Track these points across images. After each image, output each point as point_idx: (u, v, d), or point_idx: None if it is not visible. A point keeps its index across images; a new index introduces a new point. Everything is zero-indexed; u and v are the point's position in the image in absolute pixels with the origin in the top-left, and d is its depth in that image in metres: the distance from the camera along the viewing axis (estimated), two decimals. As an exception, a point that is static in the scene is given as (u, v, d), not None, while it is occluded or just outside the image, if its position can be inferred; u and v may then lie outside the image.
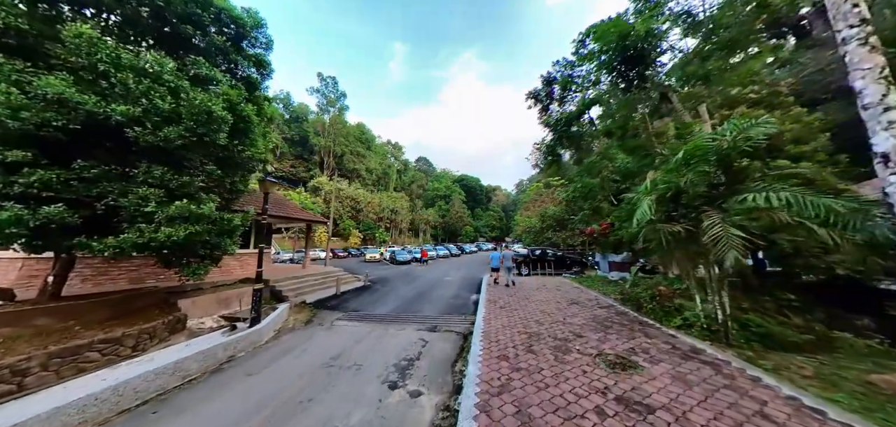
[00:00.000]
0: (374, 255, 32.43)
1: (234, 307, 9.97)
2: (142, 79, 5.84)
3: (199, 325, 8.41)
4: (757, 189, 4.59)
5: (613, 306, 8.56)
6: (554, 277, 15.92)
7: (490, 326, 6.68)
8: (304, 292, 11.56)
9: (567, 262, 18.20)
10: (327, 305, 10.30)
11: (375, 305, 10.39)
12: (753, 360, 4.56)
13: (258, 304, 7.71)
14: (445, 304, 10.48)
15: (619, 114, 12.04)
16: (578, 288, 11.78)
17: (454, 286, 14.38)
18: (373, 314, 9.15)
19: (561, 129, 11.58)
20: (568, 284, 12.81)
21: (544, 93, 15.71)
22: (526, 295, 10.41)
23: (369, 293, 12.67)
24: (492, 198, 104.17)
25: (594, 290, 11.31)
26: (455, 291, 12.88)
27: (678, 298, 8.77)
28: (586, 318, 7.26)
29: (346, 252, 40.52)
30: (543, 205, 36.38)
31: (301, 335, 7.38)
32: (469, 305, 10.10)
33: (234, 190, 8.66)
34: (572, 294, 10.44)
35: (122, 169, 6.15)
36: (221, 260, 8.27)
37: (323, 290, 12.41)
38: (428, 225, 76.13)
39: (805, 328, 6.99)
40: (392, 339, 6.89)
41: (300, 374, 5.16)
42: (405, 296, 12.00)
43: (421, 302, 10.82)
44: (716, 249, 4.43)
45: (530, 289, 11.74)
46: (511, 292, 10.96)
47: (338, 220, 55.21)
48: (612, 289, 11.14)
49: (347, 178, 66.97)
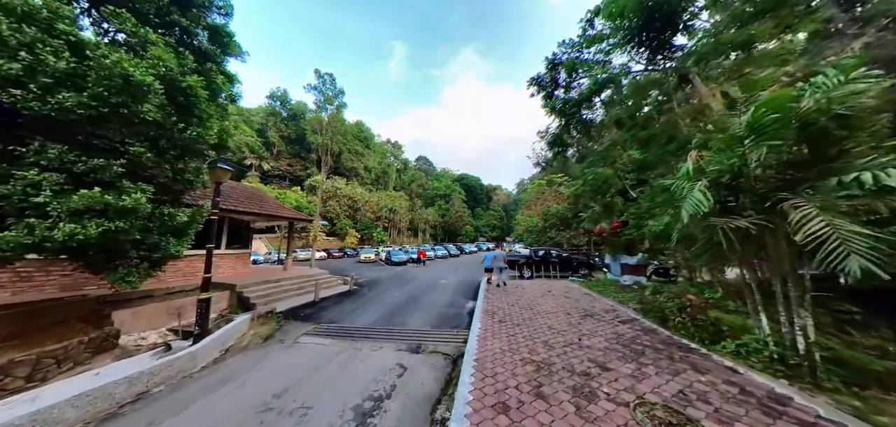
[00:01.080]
0: (368, 256, 31.05)
1: (192, 317, 8.56)
2: (23, 26, 4.42)
3: (139, 341, 7.01)
4: (871, 166, 3.14)
5: (637, 320, 7.12)
6: (559, 281, 14.47)
7: (486, 349, 5.25)
8: (276, 299, 10.16)
9: (573, 264, 16.73)
10: (300, 315, 8.89)
11: (355, 315, 8.97)
12: (869, 419, 3.12)
13: (203, 317, 6.31)
14: (437, 313, 9.06)
15: (632, 99, 10.61)
16: (589, 295, 10.33)
17: (449, 291, 12.96)
18: (349, 327, 7.73)
19: (570, 110, 10.11)
20: (576, 290, 11.36)
21: (548, 77, 14.25)
22: (530, 303, 8.97)
23: (353, 299, 11.26)
24: (492, 197, 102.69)
25: (608, 297, 9.86)
26: (449, 297, 11.46)
27: (711, 309, 7.36)
28: (608, 337, 5.82)
29: (341, 252, 39.17)
30: (545, 203, 34.92)
31: (251, 357, 5.96)
32: (463, 316, 8.67)
33: (180, 179, 7.22)
34: (584, 303, 9.00)
35: (1, 146, 4.75)
36: (164, 263, 6.85)
37: (300, 296, 11.00)
38: (427, 224, 74.72)
39: (880, 351, 5.55)
40: (362, 363, 5.47)
41: (222, 421, 3.75)
42: (393, 302, 10.57)
43: (409, 310, 9.40)
44: (823, 252, 2.98)
45: (534, 295, 10.30)
46: (512, 300, 9.52)
47: (334, 220, 53.87)
48: (629, 296, 9.69)
49: (345, 176, 65.66)
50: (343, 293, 12.34)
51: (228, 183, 14.11)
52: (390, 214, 63.57)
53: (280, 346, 6.55)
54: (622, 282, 13.06)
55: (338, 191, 56.17)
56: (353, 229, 52.88)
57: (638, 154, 10.59)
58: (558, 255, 17.44)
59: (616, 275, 14.02)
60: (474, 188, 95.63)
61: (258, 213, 12.38)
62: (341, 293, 12.29)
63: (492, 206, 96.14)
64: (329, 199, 55.01)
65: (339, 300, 10.93)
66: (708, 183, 4.31)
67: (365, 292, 12.76)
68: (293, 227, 15.02)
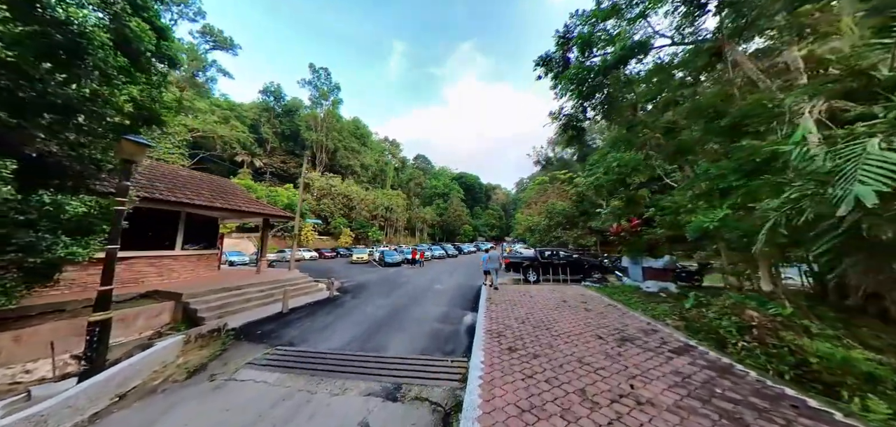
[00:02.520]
0: (361, 256, 29.22)
1: (119, 335, 6.74)
2: None
3: (20, 375, 5.19)
4: None
5: (693, 347, 5.35)
6: (570, 286, 12.71)
7: (495, 402, 3.48)
8: (233, 311, 8.35)
9: (584, 267, 14.97)
10: (256, 333, 7.09)
11: (325, 333, 7.17)
12: None
13: (95, 347, 4.51)
14: (427, 331, 7.27)
15: (659, 77, 8.81)
16: (614, 306, 8.57)
17: (445, 298, 11.18)
18: (311, 352, 5.94)
19: (591, 80, 8.32)
20: (595, 298, 9.60)
21: (558, 55, 12.49)
22: (544, 319, 7.20)
23: (329, 310, 9.46)
24: (491, 196, 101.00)
25: (637, 309, 8.10)
26: (444, 308, 9.67)
27: (783, 331, 5.64)
28: (669, 380, 4.04)
29: (333, 252, 37.32)
30: (549, 201, 33.20)
31: (154, 406, 4.16)
32: (460, 335, 6.90)
33: (78, 157, 5.36)
34: (612, 318, 7.23)
35: None
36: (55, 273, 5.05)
37: (265, 307, 9.20)
38: (425, 224, 72.95)
39: None
40: (312, 421, 3.69)
41: None
42: (376, 315, 8.79)
43: (394, 327, 7.61)
44: None
45: (547, 306, 8.54)
46: (521, 315, 7.75)
47: (329, 218, 52.00)
48: (662, 309, 7.93)
49: (341, 174, 63.78)
50: (320, 302, 10.53)
51: (187, 171, 12.27)
52: (387, 213, 61.75)
53: (208, 385, 4.75)
54: (645, 288, 11.31)
55: (332, 188, 54.32)
56: (348, 228, 51.01)
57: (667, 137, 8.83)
58: (567, 257, 15.68)
59: (636, 279, 12.27)
60: (473, 187, 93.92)
61: (224, 208, 10.56)
62: (318, 302, 10.48)
63: (491, 205, 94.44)
64: (323, 197, 53.21)
65: (312, 311, 9.12)
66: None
67: (346, 300, 10.96)
68: (268, 225, 13.22)
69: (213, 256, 12.20)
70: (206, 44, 52.53)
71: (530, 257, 16.05)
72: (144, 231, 9.01)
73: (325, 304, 10.29)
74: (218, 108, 53.57)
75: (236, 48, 56.73)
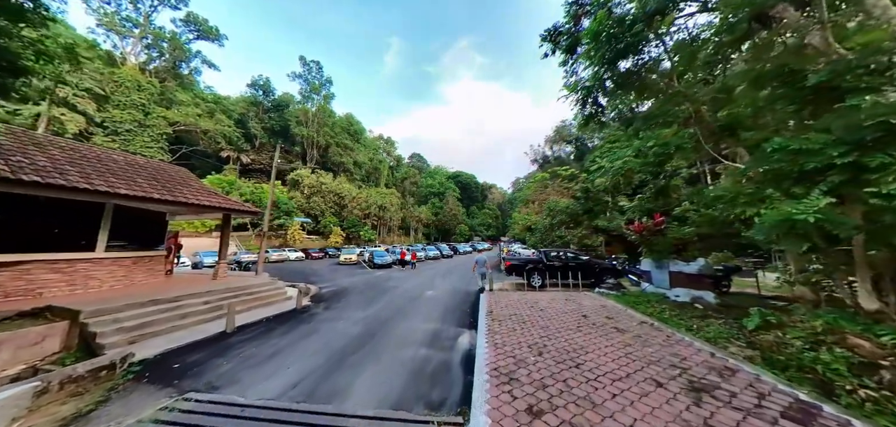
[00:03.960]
0: (349, 257, 27.22)
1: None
2: None
3: None
4: None
5: (802, 401, 3.53)
6: (583, 294, 10.93)
7: None
8: (157, 332, 6.39)
9: (595, 270, 13.21)
10: (170, 368, 5.14)
11: (270, 365, 5.25)
12: None
13: None
14: (410, 361, 5.39)
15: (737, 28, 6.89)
16: (648, 323, 6.77)
17: (436, 310, 9.31)
18: (233, 405, 4.02)
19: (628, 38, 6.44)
20: (621, 312, 7.81)
21: (569, 27, 10.67)
22: (568, 348, 5.37)
23: (288, 328, 7.53)
24: (488, 196, 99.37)
25: (679, 329, 6.31)
26: (435, 323, 7.80)
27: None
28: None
29: (322, 252, 35.25)
30: (548, 199, 31.48)
31: None
32: (453, 369, 5.03)
33: None
34: (657, 345, 5.41)
35: None
36: None
37: (207, 324, 7.24)
38: (420, 223, 71.00)
39: None
40: None
41: None
42: (346, 336, 6.89)
43: (366, 355, 5.72)
44: None
45: (564, 324, 6.71)
46: (535, 338, 5.91)
47: (318, 217, 49.80)
48: (715, 330, 6.13)
49: (333, 171, 61.54)
50: (282, 316, 8.58)
51: (126, 156, 10.23)
52: (380, 212, 59.66)
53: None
54: (673, 297, 9.55)
55: (323, 186, 52.11)
56: (339, 227, 48.87)
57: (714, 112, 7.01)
58: (576, 259, 13.90)
59: (660, 286, 10.51)
60: (469, 186, 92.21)
61: (164, 200, 8.55)
62: (279, 316, 8.53)
63: (487, 205, 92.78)
64: (313, 195, 50.97)
65: (267, 330, 7.17)
66: None
67: (317, 313, 9.03)
68: (229, 222, 11.22)
69: (159, 259, 10.19)
70: (189, 32, 49.99)
71: (534, 259, 14.25)
72: (48, 227, 7.01)
73: (287, 318, 8.34)
74: (202, 101, 51.08)
75: (222, 39, 54.22)
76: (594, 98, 8.37)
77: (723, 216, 6.91)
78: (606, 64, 7.42)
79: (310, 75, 64.31)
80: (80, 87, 30.09)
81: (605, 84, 8.65)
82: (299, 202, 49.02)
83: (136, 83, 38.90)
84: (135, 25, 43.11)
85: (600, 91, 8.44)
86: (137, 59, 44.00)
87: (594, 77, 7.98)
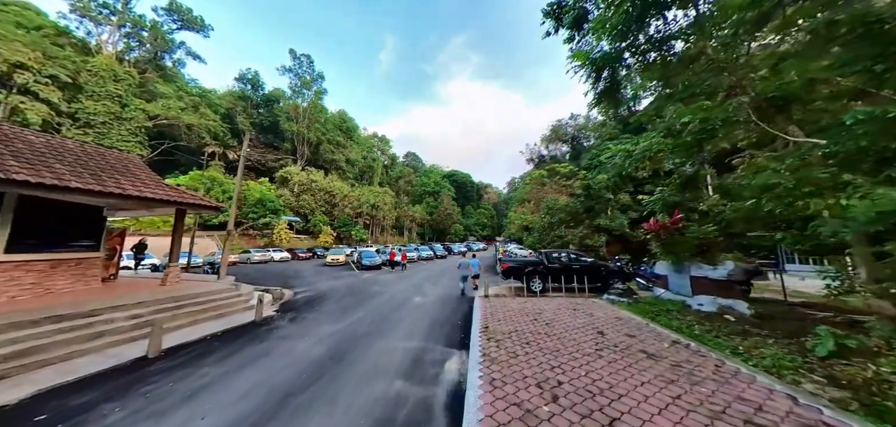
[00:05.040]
0: (336, 258, 25.64)
1: None
2: None
3: None
4: None
5: None
6: (590, 301, 9.60)
7: None
8: (47, 360, 4.86)
9: (601, 273, 11.90)
10: (33, 416, 3.64)
11: (175, 418, 3.78)
12: None
13: None
14: (373, 412, 3.94)
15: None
16: (680, 341, 5.43)
17: (422, 321, 7.88)
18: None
19: None
20: (640, 326, 6.47)
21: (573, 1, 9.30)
22: (589, 384, 4.00)
23: (231, 350, 6.04)
24: (483, 195, 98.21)
25: (723, 353, 4.98)
26: (418, 341, 6.37)
27: None
28: None
29: (309, 252, 33.60)
30: (545, 197, 30.23)
31: None
32: (434, 418, 3.60)
33: None
34: (705, 379, 4.05)
35: None
36: None
37: (124, 347, 5.72)
38: (414, 222, 69.48)
39: None
40: None
41: None
42: (305, 361, 5.44)
43: (321, 396, 4.28)
44: None
45: (580, 348, 5.34)
46: (546, 378, 4.53)
47: (308, 216, 48.00)
48: (773, 355, 4.80)
49: (324, 169, 59.66)
50: (232, 332, 7.07)
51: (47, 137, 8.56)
52: (372, 211, 58.01)
53: None
54: (696, 306, 8.25)
55: (313, 184, 50.30)
56: (329, 227, 47.14)
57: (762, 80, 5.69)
58: (580, 261, 12.58)
59: (679, 292, 9.21)
60: (464, 185, 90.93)
61: (90, 189, 6.96)
62: (228, 332, 7.02)
63: (482, 204, 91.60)
64: (303, 193, 49.14)
65: (201, 356, 5.66)
66: None
67: (279, 326, 7.53)
68: (183, 218, 9.64)
69: (93, 262, 8.59)
70: (172, 22, 47.79)
71: (534, 261, 12.89)
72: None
73: (238, 334, 6.84)
74: (186, 94, 48.86)
75: (207, 29, 52.08)
76: (611, 71, 7.01)
77: (766, 209, 5.60)
78: (626, 27, 6.05)
79: (300, 69, 62.38)
80: (43, 74, 27.96)
81: (623, 57, 7.29)
82: (288, 200, 47.19)
83: (112, 73, 36.77)
84: (112, 13, 40.87)
85: (618, 63, 7.08)
86: (115, 48, 41.77)
87: (610, 48, 6.61)
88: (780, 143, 5.63)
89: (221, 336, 6.72)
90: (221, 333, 6.85)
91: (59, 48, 33.69)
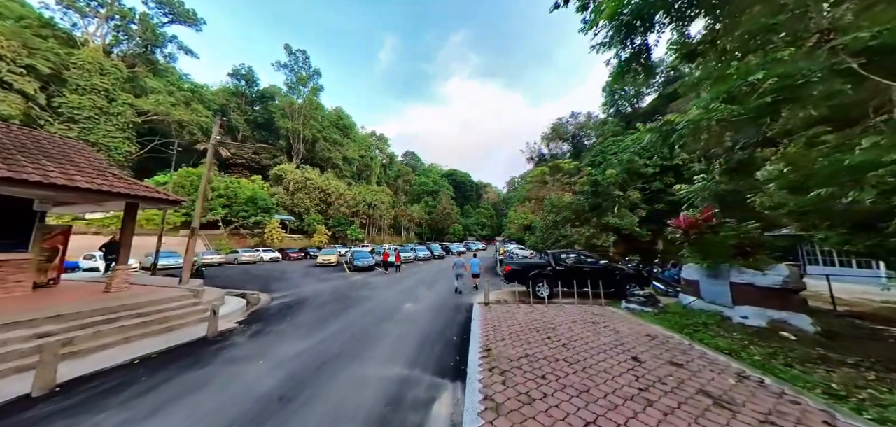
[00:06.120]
0: (328, 258, 24.26)
1: None
2: None
3: None
4: None
5: None
6: (608, 311, 8.23)
7: None
8: None
9: (616, 277, 10.53)
10: None
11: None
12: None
13: None
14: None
15: None
16: (746, 374, 4.06)
17: (411, 338, 6.50)
18: None
19: None
20: (683, 348, 5.11)
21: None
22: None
23: (153, 384, 4.66)
24: (482, 195, 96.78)
25: (818, 399, 3.61)
26: (401, 369, 4.99)
27: None
28: None
29: (301, 252, 32.21)
30: (547, 195, 28.85)
31: None
32: None
33: None
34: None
35: None
36: None
37: (9, 379, 4.34)
38: (412, 222, 68.06)
39: None
40: None
41: None
42: (239, 406, 4.08)
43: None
44: None
45: (610, 378, 3.97)
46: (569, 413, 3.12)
47: (303, 214, 46.58)
48: (892, 404, 3.44)
49: (320, 167, 58.23)
50: (170, 352, 5.68)
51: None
52: (369, 210, 56.61)
53: None
54: (739, 319, 6.88)
55: (308, 181, 48.88)
56: (324, 226, 45.75)
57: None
58: (590, 263, 11.21)
59: (715, 301, 7.82)
60: (464, 184, 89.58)
61: (53, 182, 5.56)
62: (165, 352, 5.63)
63: (482, 204, 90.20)
64: (297, 191, 47.73)
65: (105, 394, 4.25)
66: None
67: (233, 345, 6.15)
68: (134, 213, 8.27)
69: (21, 265, 7.21)
70: (162, 15, 46.35)
71: (540, 263, 11.50)
72: None
73: (176, 357, 5.45)
74: (178, 90, 47.42)
75: (200, 23, 50.60)
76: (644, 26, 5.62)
77: (851, 198, 4.24)
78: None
79: (296, 65, 60.97)
80: (18, 64, 26.55)
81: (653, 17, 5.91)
82: (282, 199, 45.80)
83: (99, 66, 35.34)
84: (100, 5, 39.44)
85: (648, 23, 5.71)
86: (103, 41, 40.33)
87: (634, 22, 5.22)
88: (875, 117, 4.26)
89: (155, 358, 5.34)
90: (156, 355, 5.46)
91: (42, 40, 32.33)
